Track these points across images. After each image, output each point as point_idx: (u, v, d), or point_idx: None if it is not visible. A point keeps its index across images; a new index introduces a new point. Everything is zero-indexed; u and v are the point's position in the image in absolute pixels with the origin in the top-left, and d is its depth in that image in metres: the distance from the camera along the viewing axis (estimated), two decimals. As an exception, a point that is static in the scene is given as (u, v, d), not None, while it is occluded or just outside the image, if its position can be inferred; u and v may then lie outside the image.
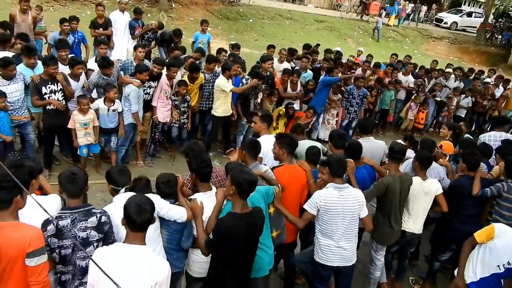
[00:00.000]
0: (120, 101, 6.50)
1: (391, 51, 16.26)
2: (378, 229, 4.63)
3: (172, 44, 9.39)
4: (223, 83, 7.17)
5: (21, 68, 6.04)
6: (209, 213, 3.58)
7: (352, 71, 10.28)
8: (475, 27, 28.83)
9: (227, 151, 5.84)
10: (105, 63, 6.41)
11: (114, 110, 6.36)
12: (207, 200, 3.63)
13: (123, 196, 3.18)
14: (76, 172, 3.21)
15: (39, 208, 2.77)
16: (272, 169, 4.32)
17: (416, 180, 4.73)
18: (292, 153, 4.49)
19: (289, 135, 4.85)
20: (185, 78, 7.29)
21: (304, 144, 5.09)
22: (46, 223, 3.01)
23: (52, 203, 3.22)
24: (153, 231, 3.37)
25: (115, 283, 2.12)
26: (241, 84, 7.52)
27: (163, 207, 3.45)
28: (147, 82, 6.71)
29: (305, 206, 4.01)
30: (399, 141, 5.43)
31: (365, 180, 4.78)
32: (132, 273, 2.48)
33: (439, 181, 4.94)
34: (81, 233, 3.05)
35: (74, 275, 3.11)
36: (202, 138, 8.20)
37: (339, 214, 3.93)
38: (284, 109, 8.05)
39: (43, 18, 9.19)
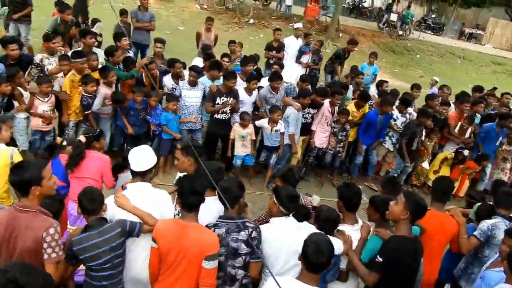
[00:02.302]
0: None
1: None
2: None
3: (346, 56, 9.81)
4: None
5: (203, 79, 6.77)
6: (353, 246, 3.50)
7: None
8: None
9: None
10: (275, 77, 6.80)
11: (277, 131, 6.63)
12: (353, 233, 3.54)
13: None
14: (228, 185, 3.26)
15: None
16: None
17: None
18: (443, 200, 4.10)
19: (448, 178, 4.51)
20: (351, 106, 7.30)
21: None
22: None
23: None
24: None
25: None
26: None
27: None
28: (307, 108, 6.87)
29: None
30: None
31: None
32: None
33: None
34: (232, 244, 3.15)
35: (225, 282, 3.22)
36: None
37: None
38: (453, 154, 7.43)
39: (240, 57, 8.62)
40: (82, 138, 4.42)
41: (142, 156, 3.41)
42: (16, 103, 5.72)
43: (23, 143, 5.78)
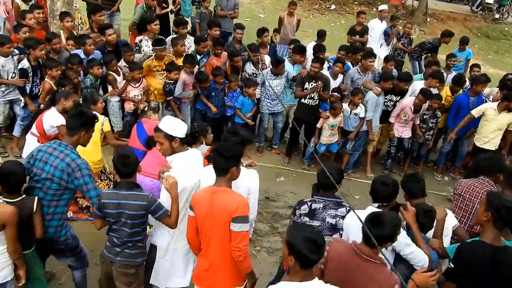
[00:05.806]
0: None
1: None
2: None
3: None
4: None
5: (286, 64, 6.75)
6: None
7: None
8: None
9: None
10: (368, 56, 6.70)
11: (356, 114, 6.47)
12: None
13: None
14: (333, 167, 3.42)
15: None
16: None
17: None
18: None
19: None
20: (446, 90, 6.92)
21: None
22: (301, 203, 3.41)
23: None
24: None
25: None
26: None
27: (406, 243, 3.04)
28: (389, 95, 6.60)
29: None
30: None
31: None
32: None
33: None
34: (330, 219, 3.32)
35: None
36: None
37: None
38: None
39: None
40: None
41: (177, 123, 3.36)
42: (110, 88, 6.14)
43: (117, 124, 6.27)
